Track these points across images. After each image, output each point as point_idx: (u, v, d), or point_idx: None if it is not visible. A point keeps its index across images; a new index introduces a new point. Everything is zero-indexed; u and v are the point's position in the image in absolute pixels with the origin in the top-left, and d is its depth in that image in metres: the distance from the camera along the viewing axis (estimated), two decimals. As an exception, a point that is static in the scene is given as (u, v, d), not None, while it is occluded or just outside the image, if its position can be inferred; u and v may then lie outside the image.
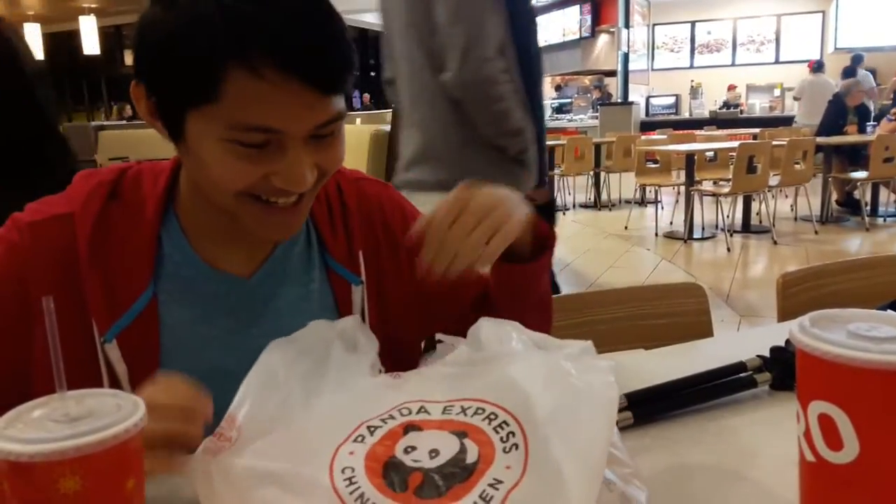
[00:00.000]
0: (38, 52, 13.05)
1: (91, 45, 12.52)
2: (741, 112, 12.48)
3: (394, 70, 1.94)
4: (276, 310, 0.85)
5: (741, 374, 0.89)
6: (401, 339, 0.88)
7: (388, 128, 3.71)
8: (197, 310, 0.81)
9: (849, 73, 8.27)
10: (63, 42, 17.27)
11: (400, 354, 0.71)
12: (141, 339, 0.77)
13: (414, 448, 0.57)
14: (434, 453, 0.57)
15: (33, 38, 13.37)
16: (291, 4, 0.67)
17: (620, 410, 0.81)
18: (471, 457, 0.56)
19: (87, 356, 0.75)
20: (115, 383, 0.76)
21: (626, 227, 6.72)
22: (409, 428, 0.60)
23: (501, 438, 0.57)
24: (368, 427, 0.60)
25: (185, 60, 0.67)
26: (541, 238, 0.88)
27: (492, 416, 0.59)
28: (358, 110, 12.20)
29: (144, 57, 0.71)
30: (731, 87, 13.09)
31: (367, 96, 17.25)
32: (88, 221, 0.76)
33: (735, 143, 5.87)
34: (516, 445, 0.56)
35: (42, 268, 0.75)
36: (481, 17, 1.69)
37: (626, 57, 13.18)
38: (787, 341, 0.91)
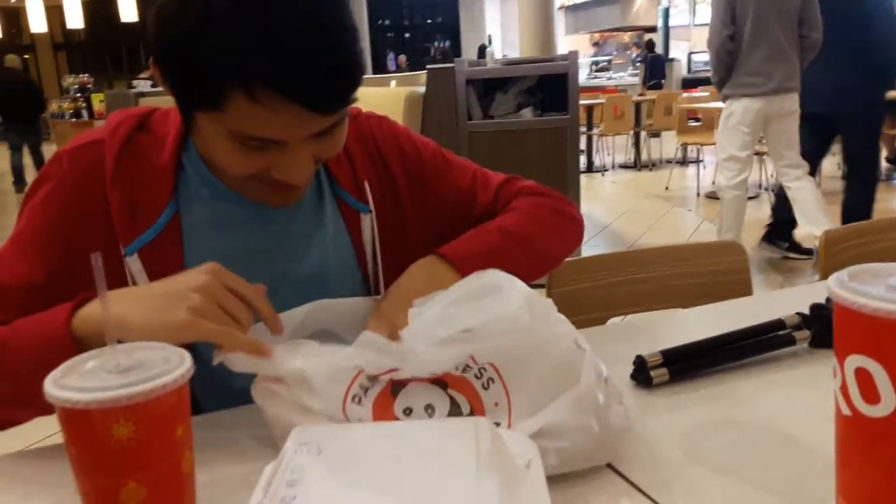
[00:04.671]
0: (79, 21, 13.18)
1: (129, 11, 12.61)
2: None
3: (741, 31, 3.62)
4: (293, 235, 0.89)
5: (779, 332, 0.89)
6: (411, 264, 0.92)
7: (422, 90, 3.69)
8: (218, 230, 0.85)
9: None
10: (102, 9, 17.43)
11: None
12: (164, 254, 0.81)
13: (411, 409, 0.63)
14: (430, 409, 0.63)
15: (73, 7, 13.49)
16: (298, 33, 0.67)
17: (656, 367, 0.82)
18: (465, 408, 0.63)
19: (114, 270, 0.80)
20: None
21: (666, 188, 6.62)
22: (395, 387, 0.65)
23: (475, 375, 0.63)
24: (361, 385, 0.65)
25: (191, 69, 0.69)
26: None
27: (458, 365, 0.64)
28: (393, 72, 12.11)
29: (159, 45, 0.72)
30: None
31: (402, 58, 17.11)
32: (116, 144, 0.82)
33: (780, 100, 5.67)
34: (492, 379, 0.63)
35: (78, 188, 0.81)
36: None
37: (667, 12, 12.82)
38: (828, 298, 0.89)
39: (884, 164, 6.63)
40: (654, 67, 10.67)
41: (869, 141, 4.03)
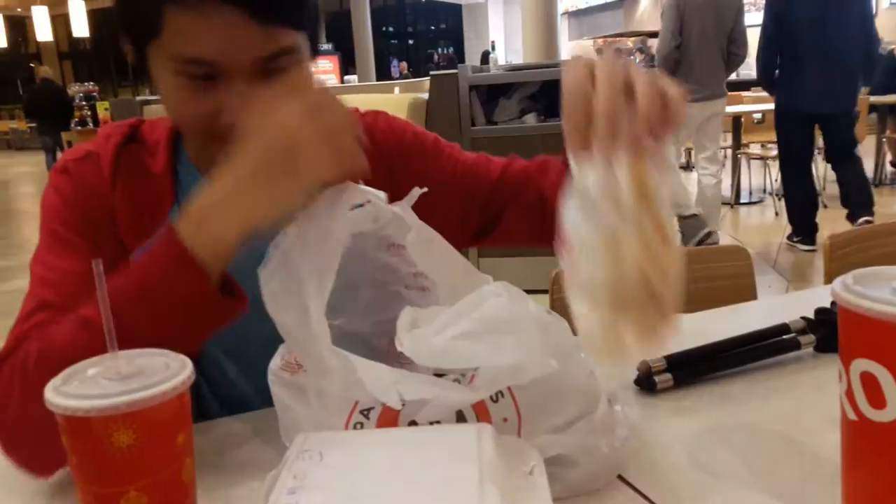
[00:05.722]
0: (84, 29, 13.28)
1: (134, 20, 12.73)
2: (791, 72, 12.02)
3: (687, 44, 4.36)
4: None
5: (784, 336, 0.88)
6: None
7: (425, 96, 3.69)
8: None
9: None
10: (107, 18, 17.54)
11: None
12: None
13: (415, 423, 0.59)
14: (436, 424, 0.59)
15: (78, 16, 13.60)
16: None
17: (660, 373, 0.81)
18: (470, 419, 0.59)
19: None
20: None
21: (670, 193, 6.59)
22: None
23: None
24: (362, 411, 0.60)
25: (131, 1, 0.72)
26: None
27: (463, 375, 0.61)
28: (396, 79, 12.14)
29: (116, 6, 0.75)
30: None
31: (404, 65, 17.14)
32: (109, 153, 0.82)
33: (784, 104, 5.67)
34: (501, 393, 0.59)
35: (82, 198, 0.81)
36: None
37: (670, 17, 12.81)
38: (833, 302, 0.89)
39: (889, 169, 6.61)
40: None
41: (849, 133, 4.53)
